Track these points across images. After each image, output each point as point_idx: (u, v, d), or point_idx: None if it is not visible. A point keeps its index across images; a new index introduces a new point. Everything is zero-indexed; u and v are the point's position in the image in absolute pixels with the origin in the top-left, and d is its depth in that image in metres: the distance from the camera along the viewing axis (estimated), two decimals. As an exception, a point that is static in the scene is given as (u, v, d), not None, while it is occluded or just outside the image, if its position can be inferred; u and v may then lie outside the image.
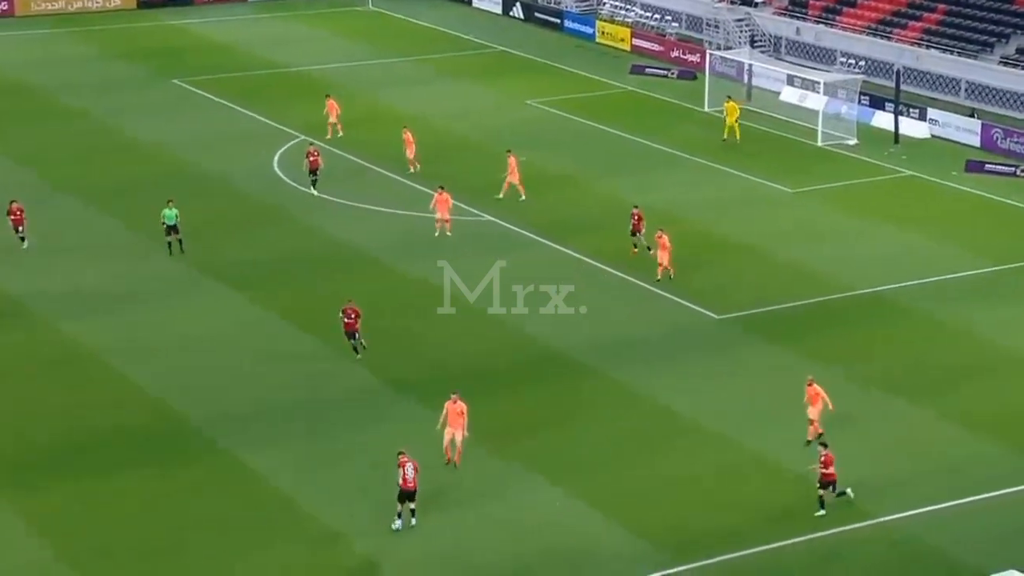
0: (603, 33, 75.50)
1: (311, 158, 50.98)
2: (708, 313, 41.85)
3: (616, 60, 71.63)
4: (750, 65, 65.01)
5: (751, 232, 48.34)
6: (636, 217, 45.76)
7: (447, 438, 32.59)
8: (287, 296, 42.34)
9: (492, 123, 60.67)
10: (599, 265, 45.21)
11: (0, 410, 35.41)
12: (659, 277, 43.37)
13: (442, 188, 47.08)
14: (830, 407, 34.08)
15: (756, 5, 73.32)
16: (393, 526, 30.24)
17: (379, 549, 29.84)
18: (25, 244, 45.39)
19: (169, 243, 44.74)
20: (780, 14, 72.20)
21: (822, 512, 30.86)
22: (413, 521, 30.39)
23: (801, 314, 42.05)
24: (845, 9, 70.22)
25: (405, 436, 34.36)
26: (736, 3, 73.62)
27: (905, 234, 48.52)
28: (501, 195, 50.25)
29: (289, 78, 67.48)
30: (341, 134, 56.94)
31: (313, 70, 68.90)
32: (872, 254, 46.72)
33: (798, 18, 71.17)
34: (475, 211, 49.63)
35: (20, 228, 45.38)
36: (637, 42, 73.53)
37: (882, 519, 31.22)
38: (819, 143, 58.56)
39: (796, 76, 63.89)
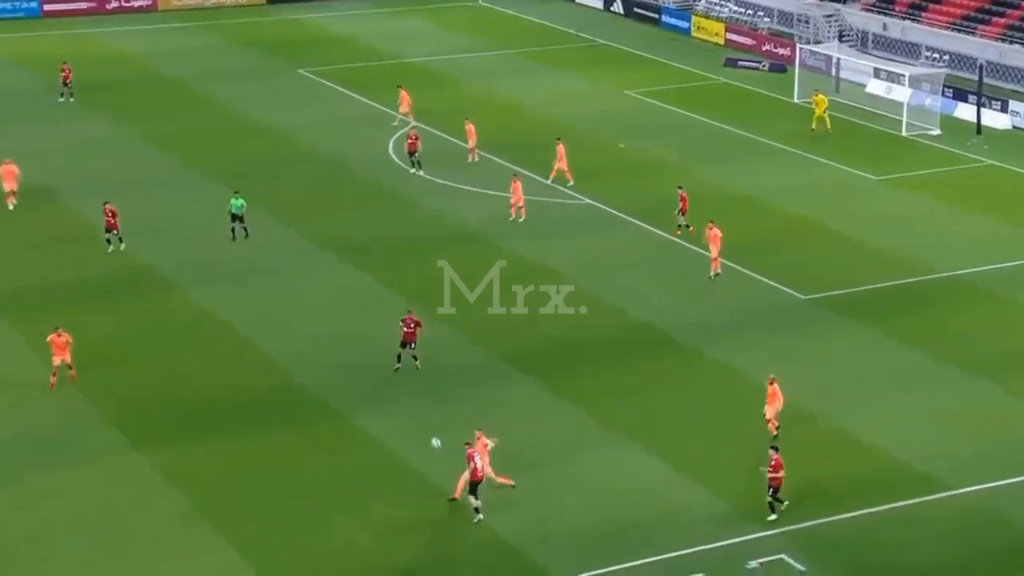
0: (698, 27, 74.61)
1: (410, 141, 50.88)
2: (795, 293, 41.19)
3: (710, 53, 70.75)
4: (838, 59, 63.81)
5: (837, 217, 47.52)
6: (682, 198, 44.96)
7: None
8: (400, 270, 42.36)
9: (592, 112, 60.27)
10: (690, 247, 44.68)
11: (138, 373, 35.90)
12: (715, 273, 41.30)
13: (516, 175, 46.55)
14: (779, 407, 32.50)
15: (845, 1, 71.93)
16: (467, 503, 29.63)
17: (486, 510, 29.72)
18: (118, 247, 42.76)
19: (233, 229, 44.12)
20: (868, 10, 70.73)
21: (774, 516, 29.18)
22: (480, 517, 29.20)
23: (884, 295, 41.20)
24: (931, 5, 68.59)
25: (513, 405, 34.33)
26: (825, 0, 72.33)
27: (985, 220, 47.34)
28: (550, 180, 49.65)
29: (404, 69, 67.57)
30: (412, 121, 56.21)
31: (426, 61, 68.97)
32: (953, 239, 45.65)
33: (885, 14, 69.66)
34: (575, 195, 49.30)
35: (114, 231, 42.64)
36: (731, 36, 72.56)
37: (962, 491, 30.55)
38: (903, 133, 57.32)
39: (882, 69, 62.57)
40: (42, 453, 31.91)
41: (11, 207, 34.93)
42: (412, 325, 35.62)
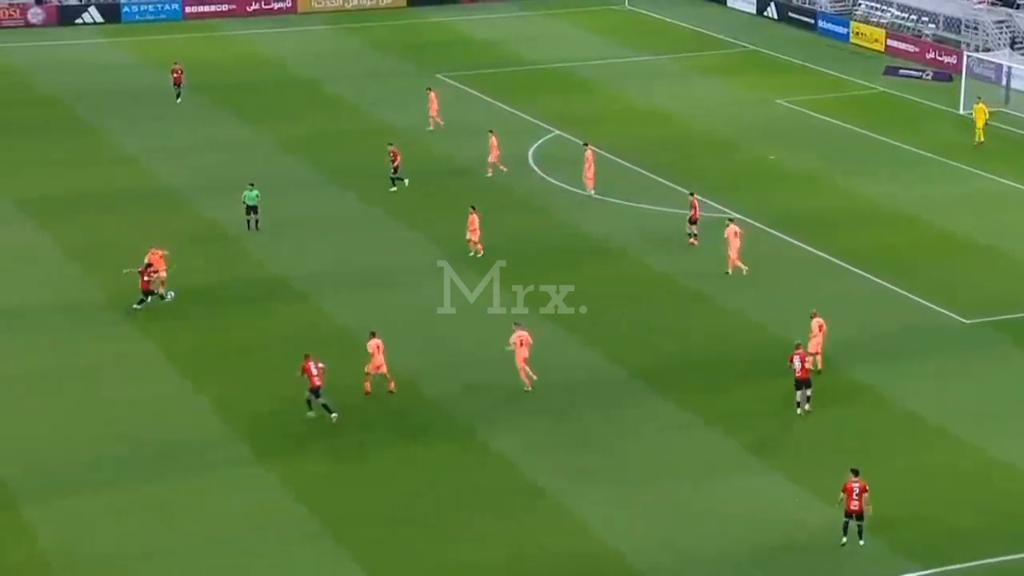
0: (857, 34, 73.26)
1: (393, 155, 50.32)
2: (956, 316, 40.04)
3: (869, 61, 69.41)
4: (1009, 67, 61.98)
5: (1002, 236, 46.18)
6: (692, 206, 44.64)
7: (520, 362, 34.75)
8: (532, 282, 42.05)
9: (741, 121, 59.59)
10: (843, 264, 43.80)
11: (267, 383, 36.32)
12: (729, 270, 42.21)
13: (473, 208, 44.42)
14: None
15: (1018, 6, 69.82)
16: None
17: (614, 534, 29.48)
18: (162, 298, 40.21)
19: (248, 220, 45.99)
20: (1042, 16, 68.61)
21: (845, 540, 28.66)
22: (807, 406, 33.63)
23: (1053, 321, 39.82)
24: (1112, 11, 66.24)
25: (644, 425, 34.01)
26: (997, 4, 70.27)
27: None
28: (591, 190, 49.22)
29: (547, 74, 67.66)
30: (442, 124, 56.91)
31: (570, 67, 68.93)
32: None
33: (1061, 20, 67.48)
34: (722, 208, 48.68)
35: (151, 292, 39.77)
36: (892, 43, 71.06)
37: None
38: (1079, 148, 55.47)
39: (1057, 79, 60.65)
40: (168, 463, 32.50)
41: (166, 296, 37.21)
42: (317, 371, 33.81)
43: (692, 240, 44.71)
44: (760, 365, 37.06)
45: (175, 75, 61.78)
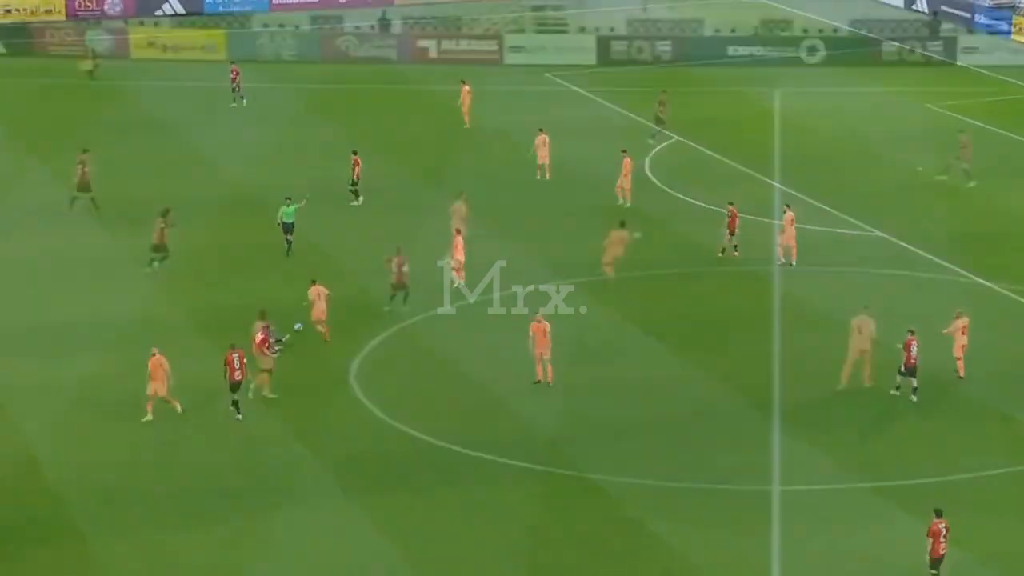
0: (1020, 30, 72.41)
1: (356, 166, 50.12)
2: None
3: (1034, 61, 68.72)
4: None
5: None
6: (731, 215, 45.00)
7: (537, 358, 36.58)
8: (639, 301, 42.27)
9: (884, 127, 59.39)
10: (999, 289, 43.36)
11: (355, 411, 36.80)
12: (781, 258, 44.24)
13: (458, 231, 43.43)
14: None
15: None
16: None
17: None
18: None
19: (288, 242, 45.34)
20: None
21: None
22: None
23: None
24: None
25: (763, 462, 34.05)
26: None
27: None
28: (623, 201, 49.55)
29: (666, 73, 67.75)
30: (467, 124, 58.21)
31: (694, 64, 69.08)
32: None
33: None
34: (864, 225, 48.43)
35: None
36: (1060, 40, 70.22)
37: None
38: None
39: None
40: (248, 495, 32.89)
41: (179, 409, 36.88)
42: (240, 364, 35.24)
43: (721, 253, 45.12)
44: (901, 401, 36.83)
45: (233, 75, 62.92)
